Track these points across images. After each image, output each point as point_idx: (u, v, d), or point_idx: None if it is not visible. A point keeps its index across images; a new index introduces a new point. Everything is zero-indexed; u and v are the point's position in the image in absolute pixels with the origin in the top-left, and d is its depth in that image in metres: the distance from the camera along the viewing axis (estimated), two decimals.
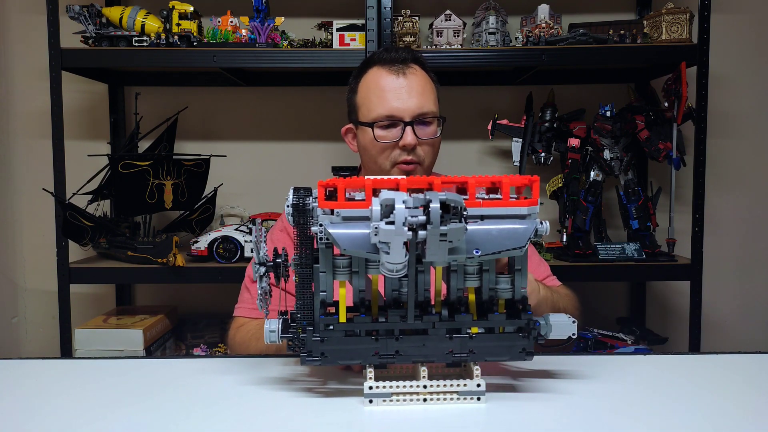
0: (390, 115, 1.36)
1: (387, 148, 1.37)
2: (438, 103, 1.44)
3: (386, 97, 1.37)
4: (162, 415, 0.81)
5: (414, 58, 1.42)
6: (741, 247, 2.29)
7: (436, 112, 1.39)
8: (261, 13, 1.85)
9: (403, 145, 1.35)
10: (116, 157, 1.93)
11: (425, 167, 1.40)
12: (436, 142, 1.40)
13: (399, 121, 1.36)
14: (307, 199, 0.81)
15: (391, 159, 1.38)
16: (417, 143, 1.36)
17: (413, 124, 1.35)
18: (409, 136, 1.34)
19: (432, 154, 1.41)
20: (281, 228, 1.50)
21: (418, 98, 1.36)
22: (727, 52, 2.20)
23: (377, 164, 1.40)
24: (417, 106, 1.36)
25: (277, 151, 2.27)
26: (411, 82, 1.37)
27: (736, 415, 0.80)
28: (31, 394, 0.90)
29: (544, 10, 1.92)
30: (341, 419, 0.79)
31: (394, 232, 0.71)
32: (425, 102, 1.37)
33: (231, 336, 1.38)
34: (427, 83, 1.41)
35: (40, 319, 2.31)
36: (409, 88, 1.37)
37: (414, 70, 1.39)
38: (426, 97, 1.38)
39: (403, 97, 1.36)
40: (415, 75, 1.39)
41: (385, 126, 1.37)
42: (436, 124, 1.40)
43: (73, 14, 1.84)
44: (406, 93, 1.36)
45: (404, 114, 1.35)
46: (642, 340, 1.98)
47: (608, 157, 1.96)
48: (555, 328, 0.86)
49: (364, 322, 0.83)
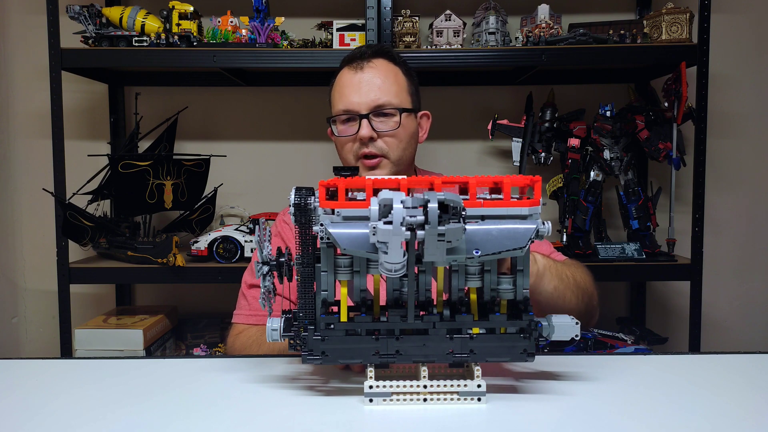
0: (346, 110, 1.39)
1: (347, 142, 1.41)
2: (413, 96, 1.45)
3: (344, 93, 1.41)
4: (162, 415, 0.81)
5: (378, 53, 1.43)
6: (741, 247, 2.29)
7: (396, 104, 1.40)
8: (261, 13, 1.85)
9: (359, 137, 1.38)
10: (116, 157, 1.93)
11: (393, 161, 1.41)
12: (400, 134, 1.40)
13: (356, 114, 1.38)
14: (309, 198, 0.81)
15: (353, 152, 1.41)
16: (374, 136, 1.37)
17: (368, 117, 1.37)
18: (364, 128, 1.37)
19: (399, 147, 1.41)
20: (283, 220, 1.52)
21: (374, 91, 1.38)
22: (727, 52, 2.20)
23: (344, 159, 1.44)
24: (372, 99, 1.38)
25: (277, 151, 2.27)
26: (369, 76, 1.40)
27: (736, 415, 0.80)
28: (31, 394, 0.90)
29: (544, 10, 1.92)
30: (341, 418, 0.79)
31: (392, 231, 0.71)
32: (383, 94, 1.38)
33: (230, 343, 1.38)
34: (389, 76, 1.41)
35: (40, 319, 2.31)
36: (366, 81, 1.39)
37: (373, 64, 1.41)
38: (385, 89, 1.39)
39: (358, 92, 1.39)
40: (374, 68, 1.41)
41: (344, 120, 1.41)
42: (404, 116, 1.40)
43: (73, 14, 1.84)
44: (364, 86, 1.39)
45: (360, 107, 1.38)
46: (642, 340, 1.98)
47: (608, 157, 1.96)
48: (558, 330, 0.85)
49: (365, 322, 0.83)
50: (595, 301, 1.28)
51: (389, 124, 1.39)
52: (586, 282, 1.25)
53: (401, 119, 1.39)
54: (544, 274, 1.12)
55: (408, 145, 1.43)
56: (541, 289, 1.12)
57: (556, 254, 1.45)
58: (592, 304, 1.26)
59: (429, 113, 1.52)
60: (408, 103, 1.43)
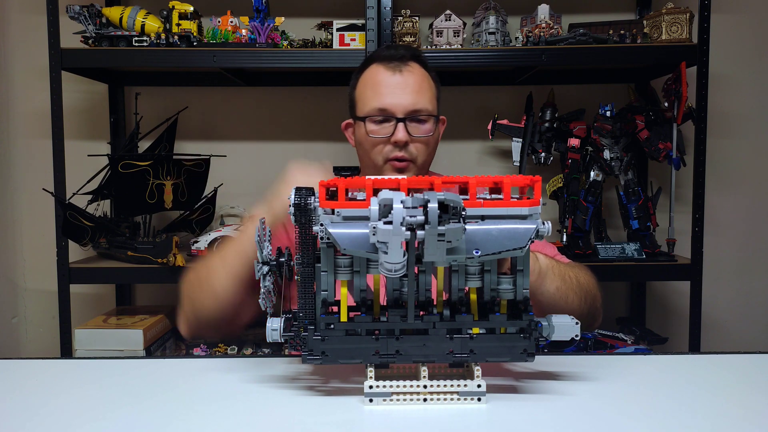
0: (383, 110, 1.37)
1: (379, 143, 1.38)
2: (438, 103, 1.44)
3: (380, 92, 1.38)
4: (162, 414, 0.81)
5: (413, 56, 1.42)
6: (741, 247, 2.29)
7: (431, 111, 1.39)
8: (261, 13, 1.85)
9: (394, 141, 1.36)
10: (116, 157, 1.93)
11: (419, 165, 1.40)
12: (430, 141, 1.40)
13: (392, 116, 1.36)
14: (309, 198, 0.81)
15: (383, 155, 1.38)
16: (409, 140, 1.36)
17: (405, 121, 1.35)
18: (400, 132, 1.35)
19: (426, 153, 1.40)
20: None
21: (412, 95, 1.37)
22: (727, 52, 2.20)
23: (371, 159, 1.41)
24: (410, 103, 1.36)
25: (277, 151, 2.27)
26: (407, 80, 1.38)
27: (736, 415, 0.80)
28: (31, 394, 0.90)
29: (544, 10, 1.92)
30: (341, 418, 0.79)
31: (392, 231, 0.71)
32: (420, 99, 1.37)
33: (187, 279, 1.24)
34: (424, 81, 1.41)
35: (40, 319, 2.31)
36: (404, 84, 1.37)
37: (411, 68, 1.39)
38: (421, 95, 1.38)
39: (396, 94, 1.37)
40: (412, 73, 1.39)
41: (377, 121, 1.38)
42: (432, 123, 1.40)
43: (73, 14, 1.84)
44: (400, 89, 1.37)
45: (397, 110, 1.36)
46: (642, 340, 1.98)
47: (608, 157, 1.96)
48: (558, 330, 0.85)
49: (365, 322, 0.83)
50: (598, 303, 1.27)
51: (422, 129, 1.38)
52: (589, 284, 1.24)
53: (433, 126, 1.39)
54: (546, 274, 1.11)
55: (433, 150, 1.43)
56: (543, 290, 1.11)
57: (560, 257, 1.44)
58: (595, 306, 1.25)
59: (445, 118, 1.51)
60: (437, 110, 1.43)
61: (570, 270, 1.19)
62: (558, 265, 1.16)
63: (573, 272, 1.19)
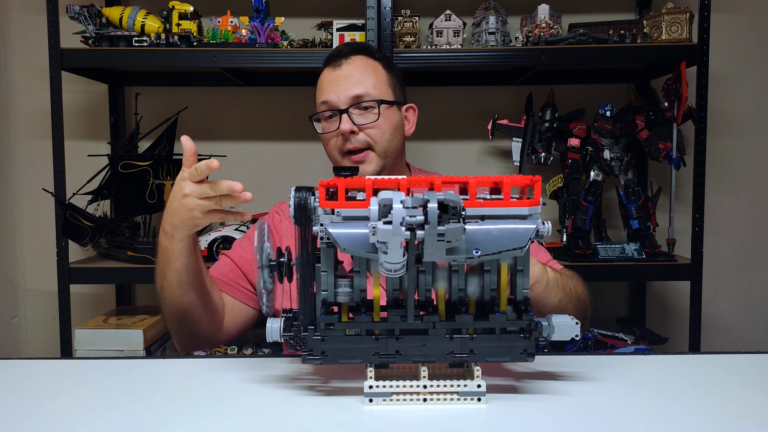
0: (325, 103, 1.40)
1: (331, 138, 1.41)
2: (392, 88, 1.45)
3: (322, 89, 1.43)
4: (162, 414, 0.81)
5: (356, 50, 1.44)
6: (741, 247, 2.29)
7: (374, 96, 1.40)
8: (261, 13, 1.85)
9: (340, 132, 1.38)
10: (116, 157, 1.93)
11: (380, 153, 1.40)
12: (381, 125, 1.39)
13: (335, 110, 1.39)
14: (309, 198, 0.81)
15: (337, 148, 1.41)
16: (354, 129, 1.37)
17: (348, 111, 1.37)
18: (344, 123, 1.37)
19: (385, 139, 1.40)
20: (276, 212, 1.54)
21: (352, 85, 1.39)
22: (727, 52, 2.20)
23: (331, 157, 1.44)
24: (350, 92, 1.38)
25: (277, 151, 2.27)
26: (346, 71, 1.40)
27: (736, 415, 0.80)
28: (31, 394, 0.90)
29: (544, 10, 1.92)
30: (341, 418, 0.79)
31: (392, 231, 0.71)
32: (360, 87, 1.39)
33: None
34: (367, 69, 1.42)
35: (40, 319, 2.31)
36: (344, 76, 1.40)
37: (351, 60, 1.42)
38: (364, 83, 1.39)
39: (336, 86, 1.39)
40: (352, 64, 1.41)
41: (326, 117, 1.42)
42: (386, 109, 1.40)
43: (73, 14, 1.84)
44: (339, 82, 1.40)
45: (339, 102, 1.39)
46: (642, 340, 1.98)
47: (608, 157, 1.96)
48: (558, 330, 0.85)
49: (365, 322, 0.83)
50: (588, 312, 1.31)
51: (369, 116, 1.39)
52: (585, 295, 1.28)
53: (380, 110, 1.39)
54: (552, 287, 1.14)
55: (392, 136, 1.42)
56: (547, 302, 1.14)
57: (553, 262, 1.47)
58: (586, 315, 1.30)
59: (415, 106, 1.52)
60: (389, 96, 1.43)
61: (570, 281, 1.23)
62: (561, 277, 1.19)
63: (573, 284, 1.24)
